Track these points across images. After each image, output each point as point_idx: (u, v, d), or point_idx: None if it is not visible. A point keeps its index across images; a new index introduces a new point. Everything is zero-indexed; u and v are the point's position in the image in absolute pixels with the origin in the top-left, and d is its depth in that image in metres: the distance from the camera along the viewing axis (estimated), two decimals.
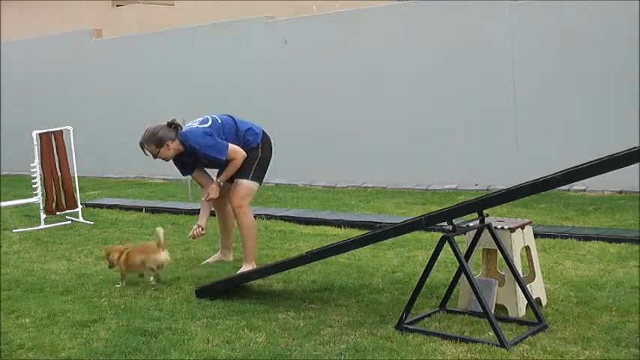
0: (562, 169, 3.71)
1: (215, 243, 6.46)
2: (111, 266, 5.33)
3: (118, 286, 5.22)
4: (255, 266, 5.45)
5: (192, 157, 5.53)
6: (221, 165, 5.53)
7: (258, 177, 5.60)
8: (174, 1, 15.23)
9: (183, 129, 5.50)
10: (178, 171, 5.89)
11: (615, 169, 3.47)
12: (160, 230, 5.26)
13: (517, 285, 4.09)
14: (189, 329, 4.20)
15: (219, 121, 5.53)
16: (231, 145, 5.40)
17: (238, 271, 5.39)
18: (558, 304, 4.32)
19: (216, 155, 5.38)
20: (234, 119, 5.61)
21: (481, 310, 3.88)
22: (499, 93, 8.66)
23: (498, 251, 4.17)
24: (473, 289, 3.90)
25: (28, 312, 4.67)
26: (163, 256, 5.21)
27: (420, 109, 9.26)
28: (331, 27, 9.97)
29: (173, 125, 5.49)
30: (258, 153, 5.58)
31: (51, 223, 7.90)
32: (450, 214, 3.98)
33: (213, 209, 5.81)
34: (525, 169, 8.39)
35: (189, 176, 6.04)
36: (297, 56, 10.25)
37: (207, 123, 5.48)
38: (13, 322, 4.49)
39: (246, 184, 5.52)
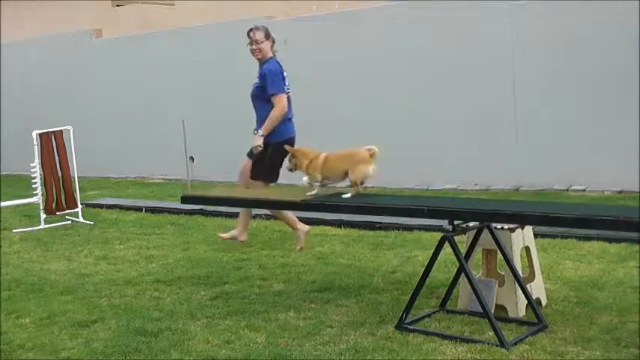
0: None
1: (215, 243, 6.48)
2: None
3: None
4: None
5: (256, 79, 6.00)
6: (260, 107, 5.94)
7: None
8: (174, 1, 15.23)
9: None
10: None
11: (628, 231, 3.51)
12: None
13: (517, 285, 4.09)
14: (189, 329, 4.20)
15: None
16: (283, 94, 5.88)
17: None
18: (558, 304, 4.32)
19: (272, 84, 5.86)
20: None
21: (481, 310, 3.88)
22: (499, 93, 8.65)
23: (498, 251, 4.18)
24: (473, 289, 3.90)
25: (28, 312, 4.67)
26: None
27: (419, 109, 9.26)
28: (331, 27, 9.97)
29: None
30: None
31: (51, 223, 7.90)
32: (451, 214, 3.98)
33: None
34: (525, 169, 8.40)
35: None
36: (297, 56, 10.24)
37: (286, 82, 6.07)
38: (13, 322, 4.49)
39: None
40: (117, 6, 15.79)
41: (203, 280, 5.24)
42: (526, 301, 4.11)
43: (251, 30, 5.98)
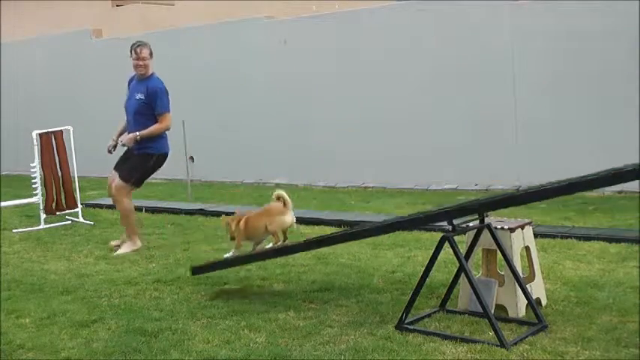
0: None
1: (215, 243, 6.48)
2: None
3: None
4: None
5: (137, 94, 6.22)
6: (140, 122, 6.19)
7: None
8: (174, 1, 15.23)
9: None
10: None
11: (619, 183, 3.46)
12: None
13: (517, 285, 4.09)
14: (189, 329, 4.20)
15: None
16: (170, 113, 6.23)
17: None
18: (558, 304, 4.32)
19: (162, 104, 6.16)
20: None
21: (481, 310, 3.88)
22: (499, 93, 8.66)
23: (498, 251, 4.17)
24: (473, 289, 3.89)
25: (28, 312, 4.66)
26: None
27: (420, 109, 9.26)
28: (331, 27, 9.97)
29: None
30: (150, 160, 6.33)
31: (51, 223, 7.90)
32: (449, 214, 3.98)
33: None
34: (525, 169, 8.40)
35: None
36: (297, 56, 10.25)
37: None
38: (13, 322, 4.49)
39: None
40: (117, 6, 15.80)
41: (203, 280, 5.24)
42: (526, 301, 4.11)
43: (138, 46, 6.18)
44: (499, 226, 4.21)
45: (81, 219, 8.05)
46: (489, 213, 4.18)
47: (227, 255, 5.25)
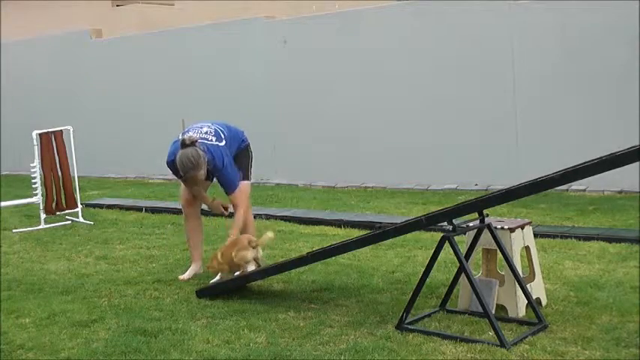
0: (562, 169, 3.71)
1: (215, 242, 6.46)
2: None
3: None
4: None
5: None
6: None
7: (250, 176, 5.54)
8: (174, 1, 15.23)
9: (203, 143, 5.08)
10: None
11: (614, 168, 3.45)
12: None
13: (517, 285, 4.09)
14: (189, 329, 4.20)
15: (226, 133, 5.31)
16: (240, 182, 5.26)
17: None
18: (558, 304, 4.32)
19: (228, 181, 5.19)
20: (227, 125, 5.48)
21: (481, 310, 3.88)
22: (499, 93, 8.65)
23: (498, 251, 4.18)
24: (473, 289, 3.90)
25: (28, 312, 4.67)
26: None
27: (419, 109, 9.26)
28: (331, 27, 9.97)
29: (192, 143, 5.01)
30: (250, 152, 5.54)
31: (51, 223, 7.90)
32: (450, 214, 3.98)
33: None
34: (525, 169, 8.39)
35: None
36: (297, 56, 10.25)
37: (222, 141, 5.21)
38: (13, 322, 4.49)
39: (248, 185, 5.52)
40: (117, 6, 15.80)
41: (203, 280, 5.24)
42: (526, 301, 4.11)
43: (190, 176, 5.05)
44: (499, 226, 4.21)
45: (81, 219, 8.05)
46: (489, 213, 4.18)
47: (213, 280, 5.12)
